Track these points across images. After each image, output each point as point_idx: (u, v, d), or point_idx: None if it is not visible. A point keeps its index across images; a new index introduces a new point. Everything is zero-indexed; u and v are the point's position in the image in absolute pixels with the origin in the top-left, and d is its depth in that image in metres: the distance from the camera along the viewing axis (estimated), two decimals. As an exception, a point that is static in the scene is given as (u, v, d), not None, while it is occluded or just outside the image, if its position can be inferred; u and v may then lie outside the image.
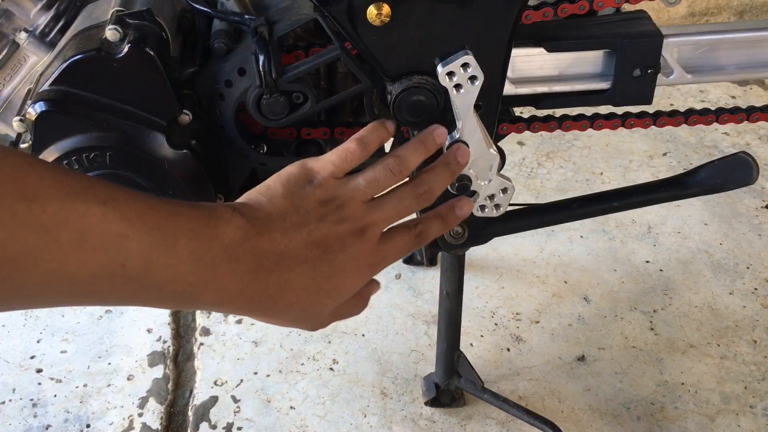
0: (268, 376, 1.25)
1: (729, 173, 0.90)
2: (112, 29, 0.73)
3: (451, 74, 0.72)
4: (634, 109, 0.88)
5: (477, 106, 0.76)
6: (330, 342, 1.30)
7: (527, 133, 0.90)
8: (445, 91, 0.74)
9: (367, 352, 1.28)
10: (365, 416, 1.18)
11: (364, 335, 1.31)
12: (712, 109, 0.89)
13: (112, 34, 0.74)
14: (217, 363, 1.27)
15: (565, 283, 1.40)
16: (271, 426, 1.18)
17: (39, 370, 1.27)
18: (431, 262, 1.44)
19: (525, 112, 1.35)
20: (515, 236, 1.48)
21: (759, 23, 0.88)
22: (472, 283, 1.38)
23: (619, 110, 0.89)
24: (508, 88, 0.84)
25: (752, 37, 0.87)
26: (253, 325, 1.33)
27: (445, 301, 1.10)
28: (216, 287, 0.57)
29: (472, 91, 0.73)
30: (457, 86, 0.73)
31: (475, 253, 1.44)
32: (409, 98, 0.74)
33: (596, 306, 1.35)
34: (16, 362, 1.28)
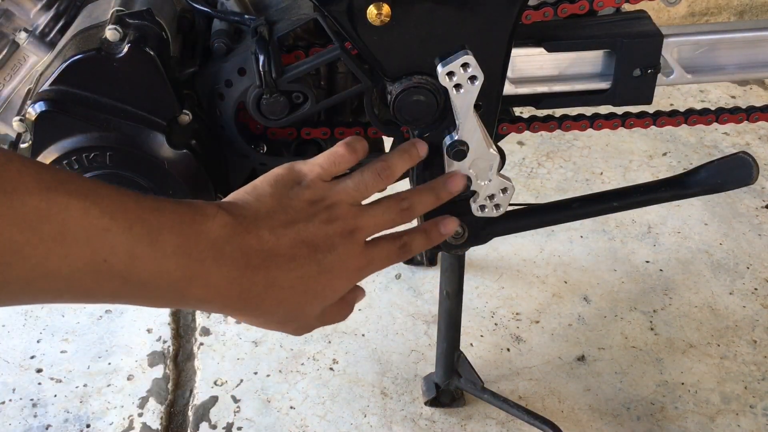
0: (268, 376, 1.25)
1: (729, 173, 0.90)
2: (112, 29, 0.73)
3: (451, 74, 0.72)
4: (634, 109, 0.88)
5: (477, 106, 0.76)
6: (330, 342, 1.30)
7: (527, 133, 0.90)
8: (445, 91, 0.74)
9: (367, 352, 1.28)
10: (365, 416, 1.18)
11: (364, 335, 1.31)
12: (712, 109, 0.89)
13: (112, 34, 0.74)
14: (217, 363, 1.27)
15: (565, 283, 1.40)
16: (271, 426, 1.18)
17: (39, 370, 1.27)
18: (431, 262, 1.44)
19: (525, 112, 1.35)
20: (515, 236, 1.48)
21: (759, 23, 0.88)
22: (472, 283, 1.38)
23: (619, 110, 0.89)
24: (508, 88, 0.84)
25: (752, 37, 0.87)
26: (253, 325, 1.33)
27: (445, 301, 1.09)
28: (202, 283, 0.56)
29: (472, 91, 0.73)
30: (457, 86, 0.73)
31: (475, 253, 1.44)
32: (409, 98, 0.75)
33: (596, 306, 1.35)
34: (16, 362, 1.28)
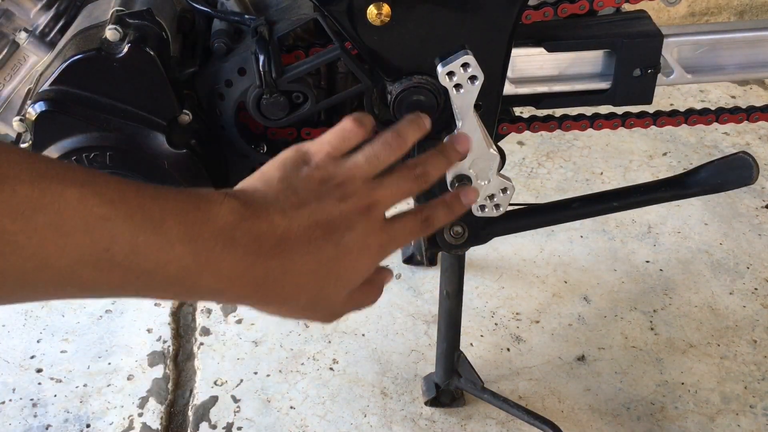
0: (268, 375, 1.25)
1: (729, 173, 0.90)
2: (112, 29, 0.73)
3: (451, 74, 0.72)
4: (634, 109, 0.88)
5: (477, 106, 0.76)
6: (330, 342, 1.30)
7: (527, 133, 0.90)
8: (445, 91, 0.74)
9: (367, 352, 1.28)
10: (365, 416, 1.18)
11: (364, 335, 1.31)
12: (712, 109, 0.89)
13: (112, 33, 0.73)
14: (217, 363, 1.27)
15: (565, 283, 1.40)
16: (271, 426, 1.18)
17: (39, 370, 1.27)
18: (431, 262, 1.44)
19: (525, 112, 1.35)
20: (515, 236, 1.47)
21: (759, 23, 0.88)
22: (472, 283, 1.38)
23: (619, 110, 0.89)
24: (508, 88, 0.84)
25: (752, 37, 0.87)
26: (253, 325, 1.33)
27: (445, 301, 1.09)
28: (213, 272, 0.53)
29: (472, 91, 0.73)
30: (457, 86, 0.73)
31: (475, 253, 1.44)
32: (409, 98, 0.75)
33: (596, 306, 1.35)
34: (16, 362, 1.28)
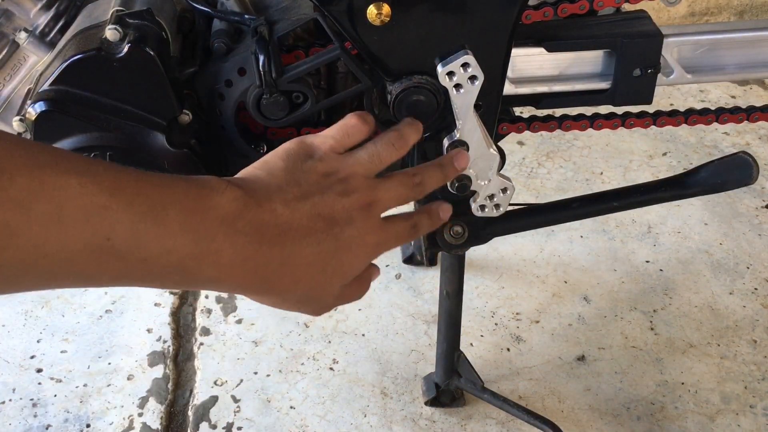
0: (268, 375, 1.25)
1: (729, 173, 0.90)
2: (112, 29, 0.73)
3: (451, 74, 0.72)
4: (634, 109, 0.88)
5: (477, 106, 0.76)
6: (330, 342, 1.30)
7: (527, 133, 0.90)
8: (445, 91, 0.74)
9: (367, 352, 1.28)
10: (365, 416, 1.18)
11: (364, 335, 1.31)
12: (712, 109, 0.89)
13: (112, 33, 0.73)
14: (217, 363, 1.27)
15: (565, 283, 1.40)
16: (271, 426, 1.18)
17: (39, 370, 1.27)
18: (431, 262, 1.44)
19: (525, 112, 1.35)
20: (515, 236, 1.47)
21: (759, 23, 0.88)
22: (472, 283, 1.38)
23: (619, 110, 0.89)
24: (508, 88, 0.84)
25: (752, 37, 0.87)
26: (253, 324, 1.33)
27: (445, 301, 1.09)
28: (214, 260, 0.53)
29: (472, 91, 0.73)
30: (457, 86, 0.73)
31: (475, 253, 1.44)
32: (409, 98, 0.75)
33: (596, 306, 1.35)
34: (16, 362, 1.28)
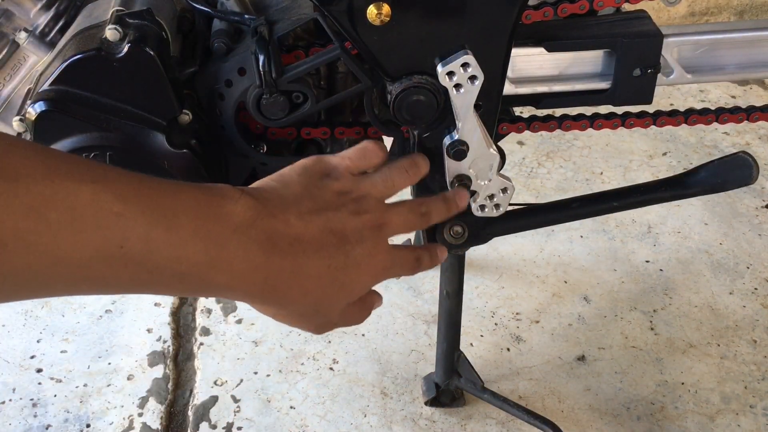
0: (268, 375, 1.25)
1: (729, 173, 0.90)
2: (112, 29, 0.73)
3: (451, 74, 0.72)
4: (634, 109, 0.88)
5: (477, 106, 0.76)
6: (330, 342, 1.30)
7: (527, 133, 0.90)
8: (445, 91, 0.74)
9: (367, 352, 1.28)
10: (365, 416, 1.18)
11: (364, 335, 1.31)
12: (712, 108, 0.89)
13: (112, 33, 0.73)
14: (217, 363, 1.27)
15: (565, 283, 1.40)
16: (271, 426, 1.18)
17: (39, 370, 1.27)
18: (431, 262, 1.44)
19: (525, 112, 1.35)
20: (515, 236, 1.47)
21: (759, 23, 0.88)
22: (472, 283, 1.38)
23: (619, 110, 0.89)
24: (508, 88, 0.84)
25: (752, 37, 0.87)
26: (253, 324, 1.33)
27: (445, 301, 1.09)
28: (225, 268, 0.54)
29: (472, 91, 0.73)
30: (457, 86, 0.73)
31: (475, 253, 1.44)
32: (409, 98, 0.75)
33: (596, 306, 1.35)
34: (16, 362, 1.28)
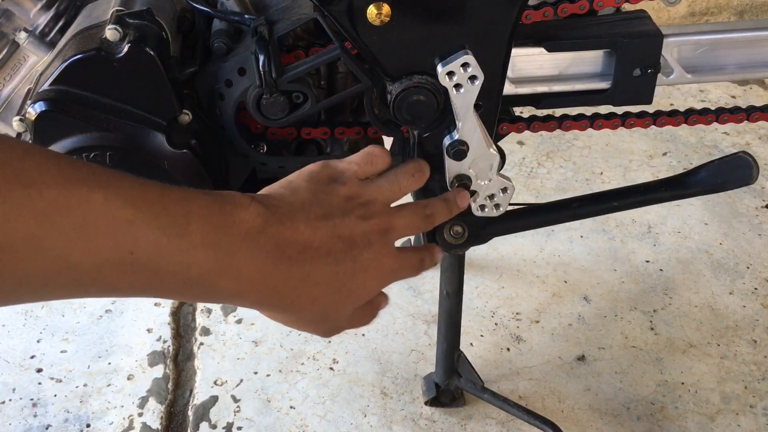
0: (268, 375, 1.25)
1: (729, 173, 0.90)
2: (112, 29, 0.73)
3: (451, 74, 0.72)
4: (634, 109, 0.88)
5: (477, 106, 0.76)
6: (330, 342, 1.30)
7: (527, 133, 0.90)
8: (445, 91, 0.74)
9: (367, 352, 1.28)
10: (365, 416, 1.18)
11: (364, 335, 1.31)
12: (712, 108, 0.89)
13: (112, 33, 0.73)
14: (217, 363, 1.27)
15: (565, 282, 1.40)
16: (271, 426, 1.18)
17: (39, 370, 1.27)
18: (431, 262, 1.44)
19: (525, 111, 1.35)
20: (515, 236, 1.47)
21: (759, 23, 0.88)
22: (472, 283, 1.38)
23: (619, 110, 0.89)
24: (508, 88, 0.84)
25: (752, 37, 0.87)
26: (253, 324, 1.33)
27: (445, 301, 1.09)
28: (234, 275, 0.54)
29: (472, 91, 0.73)
30: (457, 86, 0.73)
31: (475, 253, 1.44)
32: (409, 98, 0.75)
33: (596, 306, 1.35)
34: (16, 362, 1.28)
